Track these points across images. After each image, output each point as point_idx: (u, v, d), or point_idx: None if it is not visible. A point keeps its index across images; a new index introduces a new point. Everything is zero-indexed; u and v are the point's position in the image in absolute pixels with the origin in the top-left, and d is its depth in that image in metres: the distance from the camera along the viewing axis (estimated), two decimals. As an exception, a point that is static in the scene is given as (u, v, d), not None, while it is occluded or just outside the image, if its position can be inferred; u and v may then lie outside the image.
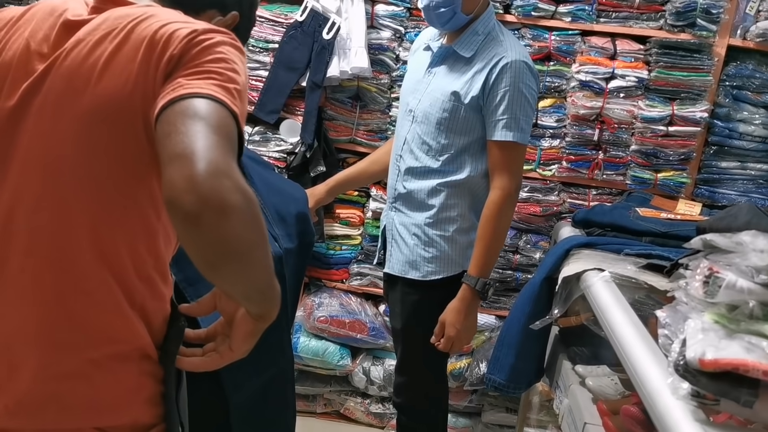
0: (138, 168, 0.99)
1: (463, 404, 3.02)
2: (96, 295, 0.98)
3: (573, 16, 2.71)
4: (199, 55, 0.97)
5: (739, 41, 2.69)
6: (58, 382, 0.97)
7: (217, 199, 0.83)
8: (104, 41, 0.99)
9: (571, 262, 2.03)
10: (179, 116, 0.88)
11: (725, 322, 1.15)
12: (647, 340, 1.45)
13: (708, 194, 2.79)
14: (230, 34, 1.03)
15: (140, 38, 0.98)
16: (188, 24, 1.01)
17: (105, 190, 0.99)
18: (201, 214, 0.82)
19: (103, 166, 0.98)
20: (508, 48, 1.99)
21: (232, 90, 0.95)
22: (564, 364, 2.18)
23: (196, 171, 0.83)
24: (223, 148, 0.87)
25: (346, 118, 2.91)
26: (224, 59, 0.98)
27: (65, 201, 0.98)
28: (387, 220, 2.23)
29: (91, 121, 0.97)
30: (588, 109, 2.69)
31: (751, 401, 1.09)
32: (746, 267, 1.13)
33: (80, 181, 0.98)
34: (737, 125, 2.72)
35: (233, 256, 0.87)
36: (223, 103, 0.92)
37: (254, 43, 2.82)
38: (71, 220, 0.98)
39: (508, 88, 1.95)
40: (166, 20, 1.01)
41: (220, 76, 0.95)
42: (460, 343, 2.06)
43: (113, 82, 0.97)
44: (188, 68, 0.96)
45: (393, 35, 2.81)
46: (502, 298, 2.93)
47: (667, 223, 2.25)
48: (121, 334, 1.01)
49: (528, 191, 2.81)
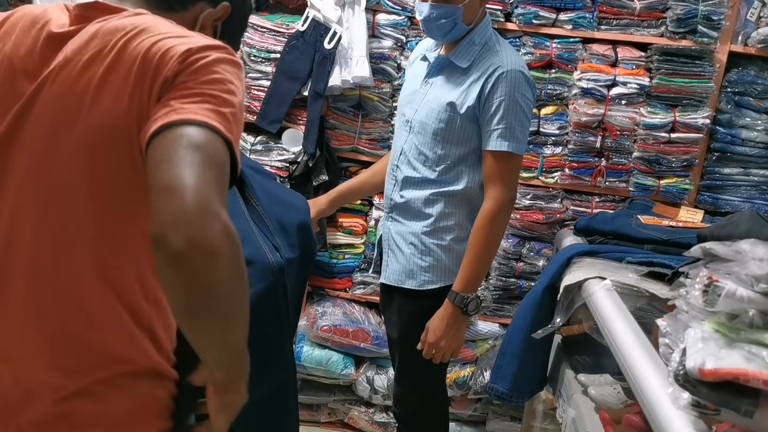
0: (137, 192, 0.95)
1: (468, 413, 3.01)
2: (103, 320, 0.98)
3: (574, 24, 2.71)
4: (193, 76, 0.93)
5: (740, 47, 2.68)
6: (69, 402, 0.97)
7: (205, 241, 0.81)
8: (95, 62, 0.96)
9: (573, 270, 2.02)
10: (171, 144, 0.85)
11: (725, 331, 1.14)
12: (648, 349, 1.45)
13: (711, 201, 2.78)
14: (227, 49, 1.00)
15: (132, 57, 0.94)
16: (182, 39, 0.97)
17: (105, 216, 0.97)
18: (186, 256, 0.80)
19: (102, 193, 0.96)
20: (504, 57, 1.98)
21: (227, 115, 0.91)
22: (567, 372, 2.17)
23: (185, 208, 0.80)
24: (215, 183, 0.84)
25: (348, 127, 2.91)
26: (220, 80, 0.94)
27: (65, 230, 0.97)
28: (383, 229, 2.22)
29: (88, 148, 0.95)
30: (590, 117, 2.69)
31: (751, 411, 1.09)
32: (746, 276, 1.13)
33: (80, 209, 0.96)
34: (739, 131, 2.72)
35: (215, 304, 0.84)
36: (217, 131, 0.88)
37: (256, 53, 2.83)
38: (73, 248, 0.97)
39: (503, 98, 1.94)
40: (158, 36, 0.96)
41: (215, 99, 0.92)
42: (441, 352, 2.04)
43: (107, 107, 0.94)
44: (182, 89, 0.92)
45: (394, 44, 2.81)
46: (505, 306, 2.93)
47: (669, 230, 2.24)
48: (130, 355, 1.01)
49: (531, 199, 2.81)
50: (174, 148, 0.85)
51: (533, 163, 2.80)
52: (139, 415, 1.01)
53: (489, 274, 2.87)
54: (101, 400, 0.98)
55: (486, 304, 2.92)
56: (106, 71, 0.95)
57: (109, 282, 0.98)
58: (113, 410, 0.99)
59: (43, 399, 0.97)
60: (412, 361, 2.15)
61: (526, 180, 2.82)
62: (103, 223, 0.97)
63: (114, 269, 0.98)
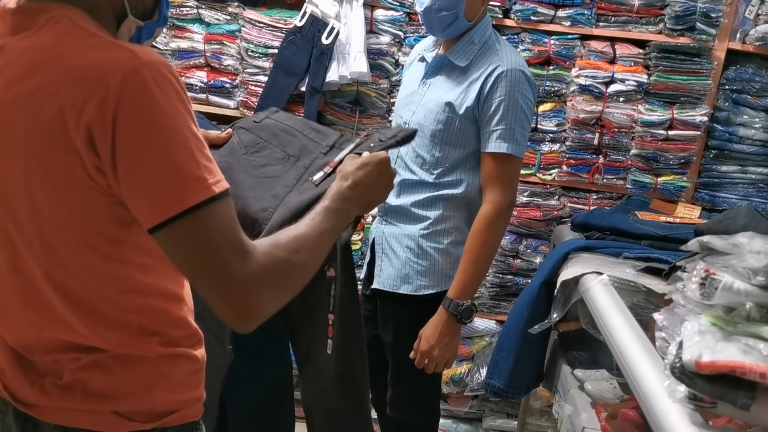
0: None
1: (464, 410, 3.01)
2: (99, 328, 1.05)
3: (572, 21, 2.71)
4: (142, 142, 0.89)
5: (738, 45, 2.68)
6: (84, 371, 1.05)
7: (258, 312, 0.97)
8: (13, 116, 0.94)
9: (570, 265, 2.02)
10: (179, 244, 0.93)
11: (722, 325, 1.14)
12: (645, 343, 1.45)
13: (708, 198, 2.78)
14: (149, 70, 0.90)
15: (46, 117, 0.91)
16: (96, 79, 0.89)
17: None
18: (250, 325, 0.98)
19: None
20: (504, 57, 1.94)
21: (197, 159, 0.92)
22: (563, 368, 2.17)
23: (230, 301, 0.95)
24: (231, 253, 0.93)
25: (346, 123, 2.91)
26: (164, 132, 0.90)
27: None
28: (377, 233, 2.16)
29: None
30: (588, 113, 2.69)
31: (747, 404, 1.08)
32: (743, 269, 1.13)
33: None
34: (737, 129, 2.72)
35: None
36: (203, 203, 0.91)
37: (254, 49, 2.82)
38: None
39: (503, 97, 1.90)
40: (66, 83, 0.91)
41: (181, 166, 0.90)
42: (434, 361, 1.97)
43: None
44: (139, 166, 0.90)
45: (392, 40, 2.81)
46: (502, 303, 2.92)
47: (666, 226, 2.24)
48: (129, 347, 1.06)
49: (528, 196, 2.81)
50: (186, 245, 0.94)
51: (531, 159, 2.80)
52: (148, 389, 1.08)
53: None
54: (111, 372, 1.05)
55: (483, 300, 2.92)
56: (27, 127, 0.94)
57: (67, 293, 1.02)
58: (122, 383, 1.06)
59: (64, 367, 1.05)
60: (406, 367, 2.09)
61: (523, 177, 2.82)
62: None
63: (70, 279, 1.02)
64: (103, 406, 1.05)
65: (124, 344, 1.05)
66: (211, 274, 0.93)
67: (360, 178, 1.22)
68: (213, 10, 2.87)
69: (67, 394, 1.05)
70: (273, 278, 0.97)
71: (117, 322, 1.04)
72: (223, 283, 0.93)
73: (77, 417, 1.05)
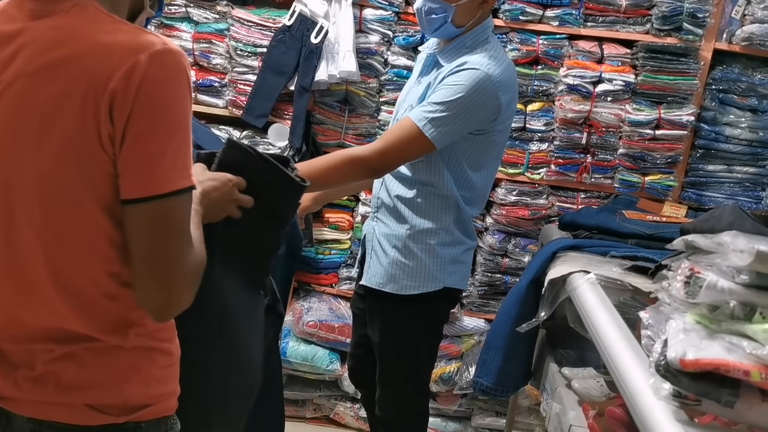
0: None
1: (453, 408, 3.02)
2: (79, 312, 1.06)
3: (560, 20, 2.72)
4: (154, 120, 0.97)
5: (725, 45, 2.70)
6: (57, 363, 1.06)
7: (181, 306, 1.06)
8: (36, 83, 0.98)
9: (558, 264, 2.03)
10: (147, 223, 0.99)
11: (706, 323, 1.15)
12: (630, 341, 1.45)
13: (695, 197, 2.80)
14: (172, 57, 0.99)
15: (72, 80, 0.97)
16: (126, 52, 0.97)
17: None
18: (170, 316, 1.08)
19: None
20: (479, 58, 1.88)
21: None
22: (551, 366, 2.18)
23: (162, 303, 1.04)
24: (181, 248, 1.02)
25: (335, 122, 2.91)
26: (171, 118, 0.99)
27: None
28: (368, 230, 2.17)
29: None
30: (576, 113, 2.70)
31: (731, 401, 1.09)
32: (727, 267, 1.14)
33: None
34: (723, 128, 2.74)
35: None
36: (183, 190, 1.00)
37: (242, 48, 2.82)
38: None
39: (453, 84, 1.84)
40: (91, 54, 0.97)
41: (176, 152, 0.99)
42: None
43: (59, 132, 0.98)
44: (143, 141, 0.97)
45: (381, 39, 2.81)
46: (491, 301, 2.93)
47: (653, 225, 2.26)
48: (107, 335, 1.07)
49: (516, 195, 2.82)
50: (149, 225, 1.00)
51: (519, 159, 2.81)
52: (122, 382, 1.08)
53: (474, 270, 2.88)
54: (85, 364, 1.06)
55: (471, 299, 2.93)
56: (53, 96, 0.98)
57: (58, 270, 1.04)
58: (96, 375, 1.07)
59: (36, 358, 1.06)
60: (394, 366, 2.11)
61: (511, 176, 2.83)
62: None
63: (64, 255, 1.04)
64: (76, 398, 1.06)
65: (102, 331, 1.06)
66: (164, 259, 1.01)
67: (204, 188, 1.29)
68: (201, 8, 2.86)
69: (39, 386, 1.05)
70: (201, 271, 1.08)
71: (99, 307, 1.05)
72: (171, 272, 1.01)
73: (50, 410, 1.06)
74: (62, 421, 1.06)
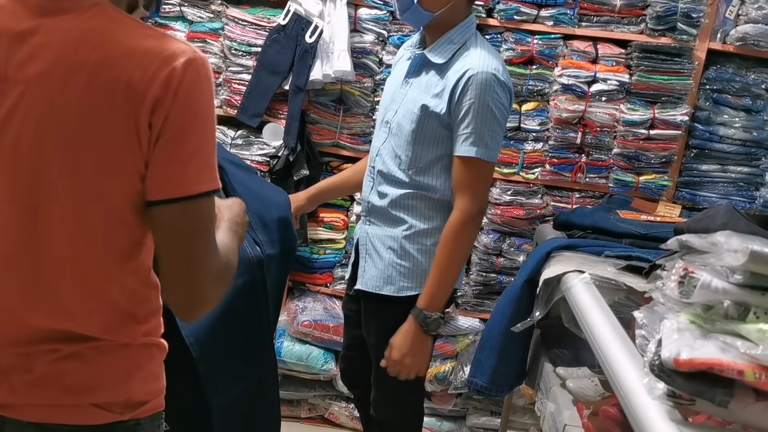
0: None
1: (448, 408, 3.02)
2: (90, 309, 1.06)
3: (555, 20, 2.73)
4: (187, 124, 1.00)
5: (719, 45, 2.71)
6: (62, 363, 1.05)
7: (208, 306, 1.07)
8: (69, 84, 0.98)
9: (552, 264, 2.03)
10: (175, 223, 1.02)
11: (700, 322, 1.15)
12: (625, 341, 1.45)
13: (689, 197, 2.81)
14: (203, 64, 1.02)
15: (110, 83, 0.97)
16: (162, 60, 0.98)
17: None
18: (197, 316, 1.08)
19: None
20: (478, 59, 1.89)
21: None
22: (545, 366, 2.18)
23: (189, 301, 1.05)
24: (207, 248, 1.04)
25: (330, 122, 2.90)
26: (203, 122, 1.02)
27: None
28: (360, 233, 2.14)
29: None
30: (570, 113, 2.70)
31: (725, 401, 1.09)
32: (721, 267, 1.14)
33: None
34: (717, 128, 2.74)
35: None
36: (210, 192, 1.03)
37: (237, 47, 2.81)
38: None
39: (473, 101, 1.85)
40: (129, 56, 0.98)
41: (205, 155, 1.02)
42: (406, 369, 1.95)
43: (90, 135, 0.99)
44: (176, 144, 1.00)
45: (376, 39, 2.81)
46: (485, 301, 2.93)
47: (647, 225, 2.26)
48: (115, 334, 1.08)
49: (511, 194, 2.82)
50: (180, 226, 1.03)
51: (514, 158, 2.81)
52: (126, 379, 1.09)
53: (469, 270, 2.88)
54: (91, 363, 1.06)
55: (466, 299, 2.93)
56: (83, 96, 0.98)
57: (82, 270, 1.04)
58: (101, 374, 1.07)
59: (34, 360, 1.04)
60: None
61: (506, 176, 2.83)
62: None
63: (91, 256, 1.04)
64: (83, 399, 1.05)
65: (113, 330, 1.06)
66: (191, 258, 1.02)
67: (233, 212, 1.32)
68: (196, 7, 2.86)
69: (40, 389, 1.04)
70: (229, 278, 1.10)
71: (114, 306, 1.06)
72: (197, 270, 1.02)
73: (54, 413, 1.05)
74: (68, 423, 1.05)
